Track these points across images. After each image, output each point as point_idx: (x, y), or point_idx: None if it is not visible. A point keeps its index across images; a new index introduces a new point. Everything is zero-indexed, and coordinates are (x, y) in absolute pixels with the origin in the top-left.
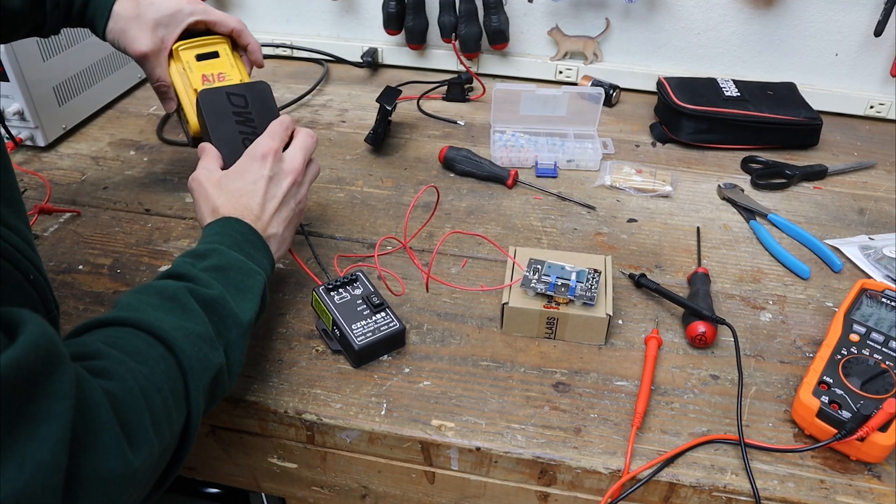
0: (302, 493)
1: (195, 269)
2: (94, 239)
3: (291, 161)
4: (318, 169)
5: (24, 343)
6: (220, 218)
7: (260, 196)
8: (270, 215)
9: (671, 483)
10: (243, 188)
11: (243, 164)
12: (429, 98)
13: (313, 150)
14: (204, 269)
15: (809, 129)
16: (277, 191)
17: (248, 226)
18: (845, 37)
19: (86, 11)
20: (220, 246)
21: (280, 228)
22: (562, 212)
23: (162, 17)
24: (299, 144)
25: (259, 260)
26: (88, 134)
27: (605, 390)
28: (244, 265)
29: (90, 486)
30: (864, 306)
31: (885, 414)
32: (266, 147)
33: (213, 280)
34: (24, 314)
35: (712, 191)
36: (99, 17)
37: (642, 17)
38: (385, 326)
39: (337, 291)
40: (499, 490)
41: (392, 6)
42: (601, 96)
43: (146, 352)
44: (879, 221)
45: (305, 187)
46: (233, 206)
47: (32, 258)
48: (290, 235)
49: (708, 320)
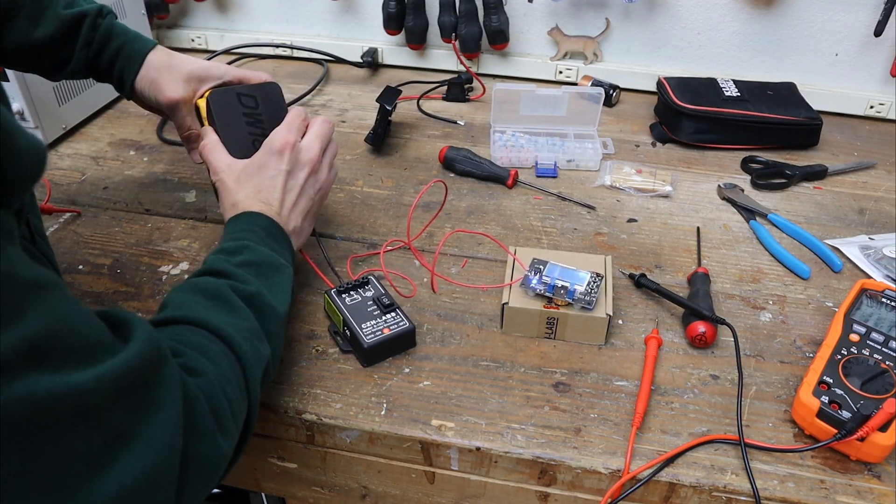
0: (302, 493)
1: (230, 266)
2: (94, 239)
3: (308, 151)
4: (335, 150)
5: (141, 339)
6: (243, 213)
7: (279, 191)
8: (290, 209)
9: (671, 483)
10: (261, 183)
11: (261, 158)
12: (429, 98)
13: (330, 136)
14: (238, 264)
15: (809, 129)
16: (295, 183)
17: (271, 220)
18: (845, 37)
19: (117, 59)
20: (249, 242)
21: (300, 220)
22: (562, 212)
23: (196, 69)
24: (315, 133)
25: (283, 253)
26: (88, 134)
27: (605, 390)
28: (274, 260)
29: (196, 469)
30: (864, 306)
31: (885, 414)
32: (282, 140)
33: (249, 276)
34: (129, 314)
35: (712, 191)
36: (130, 66)
37: (642, 17)
38: (395, 325)
39: (348, 294)
40: (499, 490)
41: (392, 6)
42: (601, 96)
43: (211, 348)
44: (879, 221)
45: (325, 173)
46: (253, 201)
47: (45, 251)
48: (309, 226)
49: (708, 320)
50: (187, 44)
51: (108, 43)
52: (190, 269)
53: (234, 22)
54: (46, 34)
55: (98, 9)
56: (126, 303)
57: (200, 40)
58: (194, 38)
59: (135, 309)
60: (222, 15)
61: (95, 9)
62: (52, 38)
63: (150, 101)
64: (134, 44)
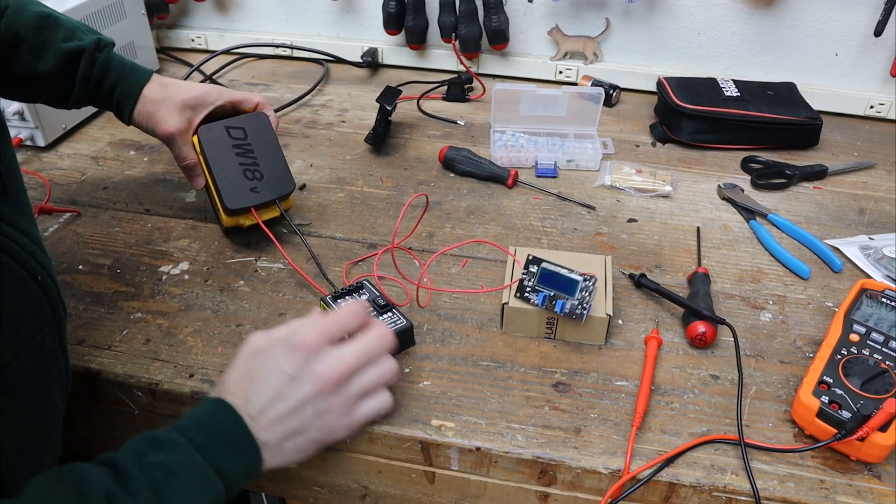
0: (302, 493)
1: (137, 466)
2: (94, 239)
3: (329, 365)
4: (379, 376)
5: None
6: (216, 398)
7: (268, 393)
8: (270, 420)
9: (671, 483)
10: (256, 374)
11: (276, 348)
12: (429, 98)
13: (377, 357)
14: (149, 465)
15: (809, 129)
16: (292, 395)
17: (239, 421)
18: (845, 37)
19: (114, 92)
20: (183, 440)
21: (277, 438)
22: (562, 212)
23: (189, 98)
24: (356, 348)
25: (228, 466)
26: (88, 134)
27: (605, 390)
28: (199, 473)
29: None
30: (864, 306)
31: (885, 414)
32: (301, 339)
33: (147, 486)
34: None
35: (712, 191)
36: (127, 100)
37: (642, 17)
38: (392, 325)
39: (343, 299)
40: (499, 490)
41: (392, 6)
42: (601, 96)
43: None
44: (879, 221)
45: (340, 400)
46: (237, 388)
47: (41, 259)
48: (294, 450)
49: (708, 320)
50: (187, 44)
51: (106, 77)
52: (190, 268)
53: (234, 22)
54: (48, 68)
55: (95, 42)
56: (126, 302)
57: (200, 40)
58: (194, 38)
59: (135, 309)
60: (222, 15)
61: (93, 42)
62: (53, 72)
63: (149, 132)
64: (129, 77)
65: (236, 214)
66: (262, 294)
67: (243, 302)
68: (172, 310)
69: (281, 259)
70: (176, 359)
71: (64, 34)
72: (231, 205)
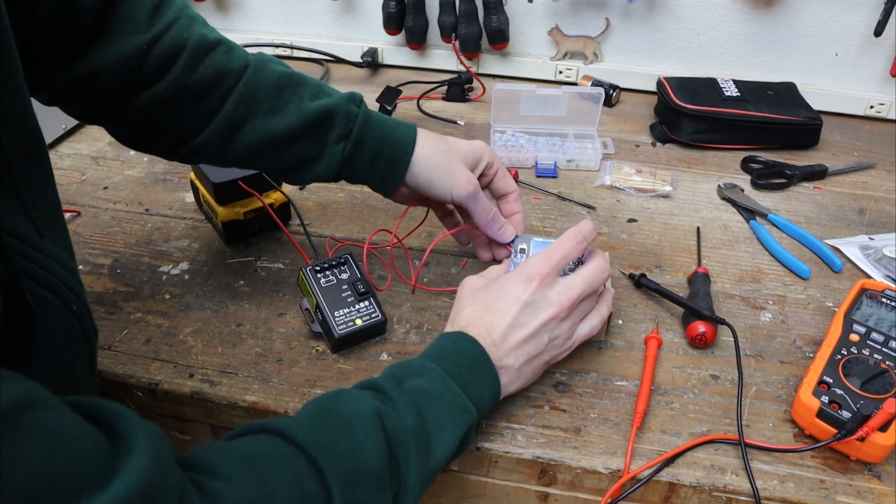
0: None
1: (398, 389)
2: (94, 239)
3: (561, 293)
4: (605, 310)
5: (142, 458)
6: (456, 332)
7: (507, 320)
8: (512, 346)
9: (671, 483)
10: (494, 304)
11: (508, 280)
12: (429, 98)
13: (598, 286)
14: (409, 389)
15: (809, 129)
16: (530, 321)
17: (481, 350)
18: (845, 37)
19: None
20: (437, 367)
21: (518, 362)
22: (562, 212)
23: (469, 150)
24: (582, 276)
25: (478, 391)
26: (88, 134)
27: (605, 390)
28: (455, 399)
29: None
30: (864, 306)
31: (885, 414)
32: (534, 268)
33: (411, 408)
34: (122, 413)
35: (712, 191)
36: (398, 167)
37: (642, 17)
38: (367, 317)
39: (324, 273)
40: (499, 490)
41: (392, 6)
42: (601, 96)
43: (287, 481)
44: (879, 221)
45: (568, 324)
46: (475, 320)
47: (75, 288)
48: (530, 373)
49: (708, 320)
50: None
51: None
52: (190, 269)
53: (234, 22)
54: (288, 124)
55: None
56: (126, 303)
57: None
58: None
59: (135, 309)
60: (222, 15)
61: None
62: (297, 127)
63: (435, 197)
64: (396, 133)
65: (226, 197)
66: (262, 294)
67: (243, 302)
68: (172, 310)
69: (281, 259)
70: (176, 359)
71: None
72: (215, 178)
